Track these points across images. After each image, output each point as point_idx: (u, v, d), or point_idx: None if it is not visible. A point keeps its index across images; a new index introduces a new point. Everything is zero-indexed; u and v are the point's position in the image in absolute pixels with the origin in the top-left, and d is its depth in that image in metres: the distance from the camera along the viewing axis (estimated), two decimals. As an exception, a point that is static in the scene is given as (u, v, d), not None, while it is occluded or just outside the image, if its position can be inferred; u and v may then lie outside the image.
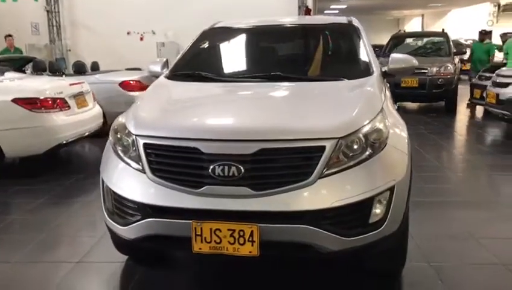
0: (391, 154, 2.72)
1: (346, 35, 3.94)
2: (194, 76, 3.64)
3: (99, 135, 6.94)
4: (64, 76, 8.62)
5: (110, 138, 3.00)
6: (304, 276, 3.25)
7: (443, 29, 12.41)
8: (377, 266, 3.13)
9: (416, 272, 3.21)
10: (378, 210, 2.60)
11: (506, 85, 7.69)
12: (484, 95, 8.65)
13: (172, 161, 2.65)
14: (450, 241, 3.76)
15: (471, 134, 9.14)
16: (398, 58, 3.72)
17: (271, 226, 2.48)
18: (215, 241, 2.53)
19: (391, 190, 2.63)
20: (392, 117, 2.96)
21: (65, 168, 6.52)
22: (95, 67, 9.81)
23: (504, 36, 13.17)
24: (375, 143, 2.65)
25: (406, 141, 2.90)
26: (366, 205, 2.56)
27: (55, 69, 9.31)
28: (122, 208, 2.77)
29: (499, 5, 31.18)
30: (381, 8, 24.11)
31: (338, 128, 2.60)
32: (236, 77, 3.58)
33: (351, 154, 2.57)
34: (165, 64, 4.07)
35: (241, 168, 2.49)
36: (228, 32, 4.27)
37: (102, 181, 2.93)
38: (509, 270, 3.27)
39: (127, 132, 2.87)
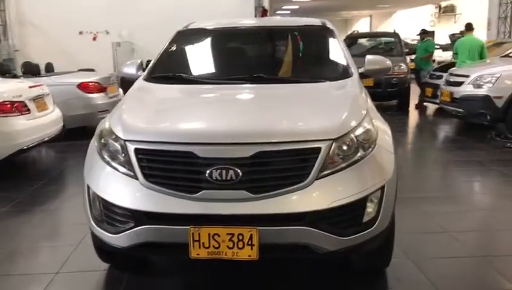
0: (381, 154, 2.78)
1: (323, 37, 4.00)
2: (174, 78, 3.58)
3: (58, 139, 6.72)
4: (21, 78, 8.23)
5: (95, 143, 2.91)
6: (290, 273, 3.28)
7: (394, 30, 12.80)
8: (365, 264, 3.20)
9: (399, 268, 3.30)
10: (370, 209, 2.66)
11: (459, 84, 8.04)
12: (438, 93, 9.01)
13: (166, 166, 2.60)
14: (425, 237, 3.90)
15: (426, 131, 9.52)
16: (373, 59, 3.82)
17: (270, 229, 2.48)
18: (213, 246, 2.50)
19: (382, 189, 2.70)
20: (376, 117, 3.04)
21: (24, 175, 6.24)
22: (50, 69, 9.45)
23: (453, 37, 13.76)
24: (366, 143, 2.71)
25: (391, 140, 2.98)
26: (360, 204, 2.61)
27: (5, 71, 8.91)
28: (112, 215, 2.69)
29: (439, 7, 32.55)
30: (332, 9, 24.60)
31: (332, 130, 2.64)
32: (218, 79, 3.55)
33: (344, 155, 2.62)
34: (140, 66, 3.99)
35: (239, 171, 2.48)
36: (205, 34, 4.22)
37: (88, 188, 2.83)
38: (488, 261, 3.43)
39: (114, 137, 2.79)
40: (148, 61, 12.04)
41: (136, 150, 2.63)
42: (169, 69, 3.79)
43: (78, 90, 7.96)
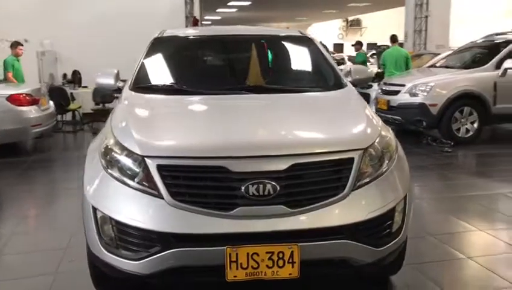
0: (401, 163, 2.80)
1: (309, 47, 3.97)
2: (167, 88, 3.36)
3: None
4: None
5: (102, 161, 2.63)
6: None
7: (321, 41, 13.20)
8: (376, 271, 3.17)
9: (403, 274, 3.33)
10: (398, 218, 2.66)
11: (396, 93, 8.44)
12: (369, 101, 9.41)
13: (195, 183, 2.41)
14: (413, 241, 3.98)
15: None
16: (358, 69, 3.88)
17: (311, 245, 2.39)
18: (252, 266, 2.35)
19: (405, 197, 2.71)
20: (382, 126, 3.05)
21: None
22: (-32, 80, 8.57)
23: (379, 48, 14.49)
24: (388, 152, 2.71)
25: (401, 147, 3.01)
26: (391, 214, 2.60)
27: None
28: (131, 239, 2.44)
29: (347, 21, 34.34)
30: (252, 20, 24.91)
31: (361, 140, 2.62)
32: (217, 89, 3.37)
33: (373, 164, 2.60)
34: (117, 76, 3.70)
35: (276, 185, 2.36)
36: (186, 42, 4.04)
37: (94, 210, 2.55)
38: (476, 262, 3.57)
39: (126, 153, 2.54)
40: (75, 72, 11.41)
41: (159, 167, 2.41)
42: (157, 78, 3.56)
43: (8, 103, 7.25)
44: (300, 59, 3.95)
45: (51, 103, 8.49)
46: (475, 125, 8.02)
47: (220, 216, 2.35)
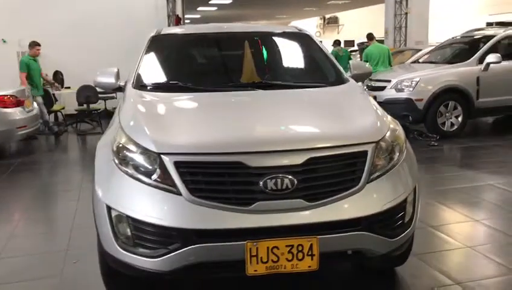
0: (410, 155, 2.86)
1: (308, 43, 4.00)
2: (171, 87, 3.35)
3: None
4: None
5: (115, 160, 2.61)
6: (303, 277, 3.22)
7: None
8: (381, 262, 3.20)
9: (407, 264, 3.37)
10: (409, 209, 2.71)
11: (382, 88, 8.56)
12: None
13: (213, 179, 2.42)
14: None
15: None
16: (357, 64, 3.93)
17: (330, 237, 2.42)
18: (272, 260, 2.37)
19: (415, 188, 2.76)
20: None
21: None
22: None
23: (362, 45, 14.62)
24: (397, 145, 2.76)
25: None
26: (404, 205, 2.65)
27: None
28: (149, 237, 2.43)
29: (324, 18, 34.55)
30: (232, 19, 24.86)
31: (374, 133, 2.66)
32: (221, 86, 3.37)
33: (385, 157, 2.64)
34: (118, 74, 3.67)
35: (294, 179, 2.38)
36: (185, 39, 4.02)
37: (109, 209, 2.53)
38: (476, 250, 3.67)
39: (140, 150, 2.53)
40: (56, 72, 11.20)
41: (176, 164, 2.41)
42: (160, 76, 3.54)
43: (-8, 105, 7.12)
44: (301, 55, 3.97)
45: (35, 104, 8.36)
46: (459, 119, 8.19)
47: (239, 211, 2.37)
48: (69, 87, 10.76)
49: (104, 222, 2.57)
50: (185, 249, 2.35)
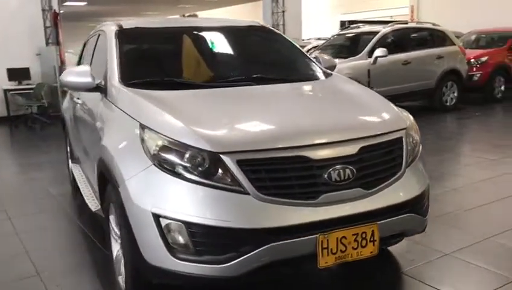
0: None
1: (282, 39, 4.02)
2: (171, 84, 3.14)
3: None
4: None
5: (157, 165, 2.38)
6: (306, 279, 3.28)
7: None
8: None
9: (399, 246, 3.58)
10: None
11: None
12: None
13: (277, 175, 2.35)
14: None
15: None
16: (327, 59, 4.07)
17: (386, 222, 2.52)
18: (340, 250, 2.40)
19: None
20: None
21: None
22: None
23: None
24: (417, 132, 2.95)
25: None
26: (428, 187, 2.86)
27: None
28: (215, 242, 2.28)
29: (184, 16, 34.47)
30: (99, 14, 23.39)
31: (402, 120, 2.83)
32: (222, 81, 3.23)
33: (412, 141, 2.81)
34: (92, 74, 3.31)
35: (353, 169, 2.43)
36: (160, 34, 3.75)
37: (157, 218, 2.31)
38: (470, 212, 4.06)
39: (192, 152, 2.34)
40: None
41: (239, 162, 2.29)
42: (151, 74, 3.29)
43: None
44: (279, 50, 3.96)
45: None
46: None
47: (306, 205, 2.34)
48: None
49: (149, 234, 2.34)
50: (259, 250, 2.25)
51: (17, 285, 3.27)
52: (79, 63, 5.08)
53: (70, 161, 5.20)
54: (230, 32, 3.94)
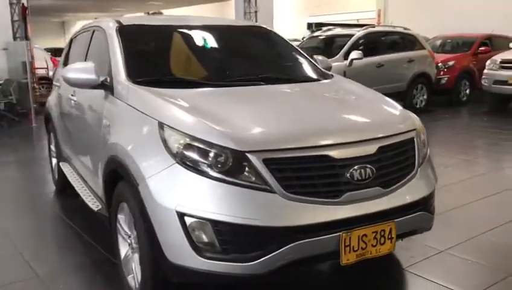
0: None
1: (282, 41, 4.06)
2: (174, 82, 3.14)
3: None
4: None
5: (181, 163, 2.38)
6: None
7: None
8: None
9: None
10: (434, 188, 3.04)
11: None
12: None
13: (302, 174, 2.40)
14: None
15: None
16: (322, 60, 4.14)
17: (402, 219, 2.60)
18: (361, 247, 2.47)
19: None
20: None
21: None
22: None
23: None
24: (424, 133, 3.04)
25: None
26: (435, 187, 2.96)
27: None
28: (243, 240, 2.30)
29: (148, 14, 34.04)
30: (67, 8, 22.65)
31: (412, 120, 2.93)
32: (232, 80, 3.24)
33: (422, 141, 2.91)
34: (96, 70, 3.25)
35: (373, 168, 2.50)
36: (164, 32, 3.70)
37: (181, 217, 2.30)
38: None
39: (217, 150, 2.35)
40: None
41: (266, 161, 2.32)
42: (159, 71, 3.28)
43: None
44: (282, 51, 4.00)
45: None
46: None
47: (330, 203, 2.40)
48: None
49: (173, 232, 2.34)
50: (285, 247, 2.29)
51: (17, 287, 3.18)
52: (65, 60, 4.97)
53: (55, 159, 5.06)
54: (234, 31, 3.97)
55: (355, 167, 2.45)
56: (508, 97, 10.47)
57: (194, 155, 2.38)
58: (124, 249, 2.95)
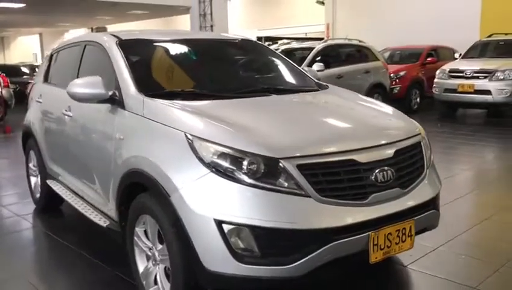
0: None
1: (275, 54, 4.20)
2: (188, 94, 3.20)
3: None
4: None
5: (216, 172, 2.44)
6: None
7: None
8: None
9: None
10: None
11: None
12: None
13: (333, 178, 2.52)
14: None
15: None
16: (311, 70, 4.31)
17: (419, 218, 2.78)
18: (387, 246, 2.61)
19: None
20: None
21: None
22: None
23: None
24: (426, 137, 3.26)
25: None
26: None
27: None
28: (282, 244, 2.38)
29: (92, 29, 33.53)
30: (18, 24, 21.68)
31: (417, 125, 3.13)
32: (240, 92, 3.31)
33: (427, 144, 3.11)
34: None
35: (393, 170, 2.66)
36: (166, 46, 3.73)
37: (220, 224, 2.36)
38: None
39: (251, 158, 2.43)
40: None
41: (300, 167, 2.43)
42: (162, 84, 3.33)
43: None
44: (281, 63, 4.10)
45: None
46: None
47: (359, 205, 2.54)
48: None
49: (211, 240, 2.39)
50: (322, 249, 2.39)
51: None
52: (46, 76, 4.86)
53: (35, 178, 4.92)
54: (229, 45, 4.08)
55: (377, 170, 2.60)
56: (457, 104, 11.15)
57: (227, 164, 2.45)
58: (142, 262, 2.95)
